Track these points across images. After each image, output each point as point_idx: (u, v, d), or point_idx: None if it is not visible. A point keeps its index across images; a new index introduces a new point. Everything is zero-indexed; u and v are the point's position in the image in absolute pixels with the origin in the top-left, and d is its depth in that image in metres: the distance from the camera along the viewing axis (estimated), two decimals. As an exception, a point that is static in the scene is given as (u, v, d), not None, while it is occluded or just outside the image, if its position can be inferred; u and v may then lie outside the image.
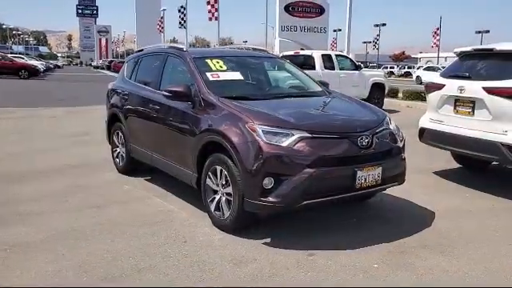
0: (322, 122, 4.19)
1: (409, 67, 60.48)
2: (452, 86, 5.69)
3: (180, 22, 43.12)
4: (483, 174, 6.59)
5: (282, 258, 3.70)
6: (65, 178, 6.18)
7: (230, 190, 4.12)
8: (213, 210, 4.37)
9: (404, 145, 4.52)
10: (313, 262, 3.64)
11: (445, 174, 6.44)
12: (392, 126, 4.51)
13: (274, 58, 6.08)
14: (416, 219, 4.66)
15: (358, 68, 14.10)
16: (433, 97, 6.06)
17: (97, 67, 72.85)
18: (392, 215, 4.79)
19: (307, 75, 5.66)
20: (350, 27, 17.99)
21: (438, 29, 50.40)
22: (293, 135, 3.84)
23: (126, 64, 6.63)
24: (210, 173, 4.36)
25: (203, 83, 4.69)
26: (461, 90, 5.53)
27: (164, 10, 50.24)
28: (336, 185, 3.95)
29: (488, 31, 57.57)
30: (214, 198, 4.35)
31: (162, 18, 49.77)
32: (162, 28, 50.49)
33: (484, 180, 6.20)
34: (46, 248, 3.90)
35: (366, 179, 4.00)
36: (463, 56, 6.03)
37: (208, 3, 35.56)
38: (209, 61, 5.08)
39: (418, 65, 69.69)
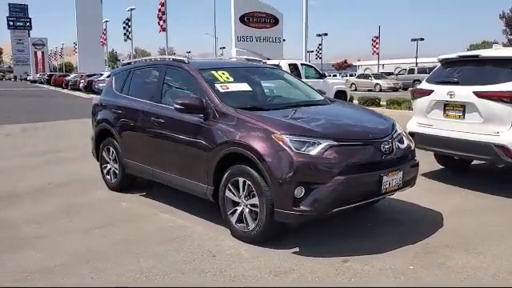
0: (346, 130, 4.27)
1: (350, 75, 62.50)
2: (441, 92, 5.97)
3: (125, 34, 42.42)
4: (466, 174, 6.93)
5: (320, 266, 3.71)
6: (53, 198, 5.89)
7: (255, 201, 4.09)
8: (234, 222, 4.32)
9: (415, 148, 4.69)
10: (350, 268, 3.68)
11: (433, 176, 6.71)
12: (401, 130, 4.67)
13: (273, 69, 6.12)
14: (427, 220, 4.82)
15: (322, 76, 14.45)
16: (420, 102, 6.32)
17: (34, 81, 69.58)
18: (403, 217, 4.93)
19: (306, 84, 5.75)
20: (307, 36, 18.46)
21: (377, 37, 52.55)
22: (320, 144, 3.89)
23: (114, 77, 6.41)
24: (229, 185, 4.31)
25: (215, 95, 4.64)
26: (451, 95, 5.81)
27: (106, 21, 49.11)
28: (364, 191, 4.04)
29: (423, 39, 60.52)
30: (236, 209, 4.30)
31: (105, 30, 48.66)
32: (105, 40, 49.36)
33: (469, 179, 6.50)
34: (70, 272, 3.70)
35: (390, 184, 4.11)
36: (446, 63, 6.35)
37: (157, 16, 35.35)
38: (214, 72, 5.03)
39: (359, 72, 72.34)
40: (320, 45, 62.70)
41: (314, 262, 3.81)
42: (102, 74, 34.06)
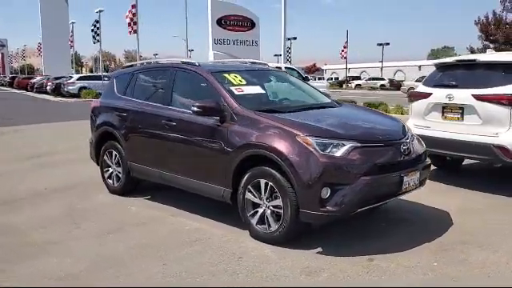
0: (367, 132, 4.37)
1: (319, 78, 63.42)
2: (439, 95, 6.17)
3: (94, 37, 41.51)
4: (459, 174, 7.16)
5: (347, 265, 3.78)
6: (55, 202, 5.76)
7: (278, 202, 4.12)
8: (255, 223, 4.34)
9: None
10: (378, 266, 3.76)
11: (431, 176, 6.88)
12: (412, 132, 4.81)
13: (279, 72, 6.17)
14: (435, 219, 4.97)
15: (305, 79, 14.58)
16: (418, 105, 6.51)
17: (-6, 84, 67.07)
18: (412, 217, 5.05)
19: (313, 87, 5.83)
20: (286, 39, 18.60)
21: (346, 42, 53.53)
22: (344, 145, 3.96)
23: (115, 79, 6.31)
24: (250, 186, 4.33)
25: (232, 97, 4.65)
26: (449, 97, 6.02)
27: (73, 22, 48.01)
28: (385, 191, 4.14)
29: (388, 44, 62.07)
30: (257, 211, 4.32)
31: (72, 32, 47.61)
32: (72, 42, 48.27)
33: (465, 179, 6.68)
34: (98, 277, 3.65)
35: (409, 184, 4.24)
36: (441, 67, 6.57)
37: (127, 17, 34.81)
38: (227, 75, 5.05)
39: (327, 76, 73.52)
40: (289, 48, 63.21)
41: (340, 261, 3.87)
42: (71, 77, 33.32)
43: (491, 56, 6.23)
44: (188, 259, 3.96)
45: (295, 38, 61.80)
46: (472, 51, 20.04)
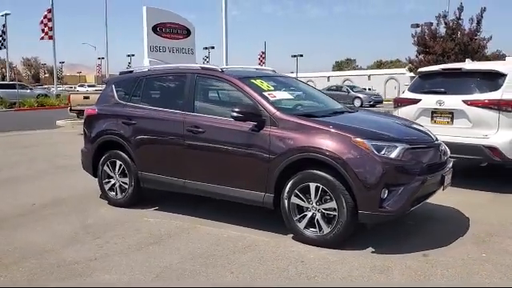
0: (412, 134, 4.60)
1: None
2: (429, 101, 6.65)
3: (0, 42, 38.62)
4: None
5: (410, 262, 3.94)
6: (60, 219, 5.33)
7: (331, 205, 4.19)
8: (302, 227, 4.37)
9: None
10: (436, 261, 3.97)
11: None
12: None
13: (291, 78, 6.24)
14: (452, 215, 5.32)
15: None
16: (406, 110, 6.94)
17: None
18: (433, 215, 5.28)
19: (321, 91, 5.99)
20: (227, 46, 18.70)
21: (263, 52, 54.83)
22: (396, 147, 4.15)
23: (114, 86, 5.96)
24: (297, 190, 4.36)
25: (268, 103, 4.66)
26: (440, 103, 6.51)
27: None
28: (431, 189, 4.40)
29: (302, 55, 64.48)
30: (305, 215, 4.36)
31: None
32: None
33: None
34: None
35: (447, 182, 4.54)
36: (425, 75, 7.09)
37: (41, 22, 32.83)
38: (254, 81, 5.04)
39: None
40: (207, 57, 63.33)
41: (400, 258, 4.03)
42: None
43: (476, 65, 6.84)
44: (253, 266, 3.90)
45: (213, 47, 62.11)
46: (410, 62, 21.61)
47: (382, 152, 4.10)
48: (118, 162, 5.66)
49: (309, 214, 4.34)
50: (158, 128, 5.29)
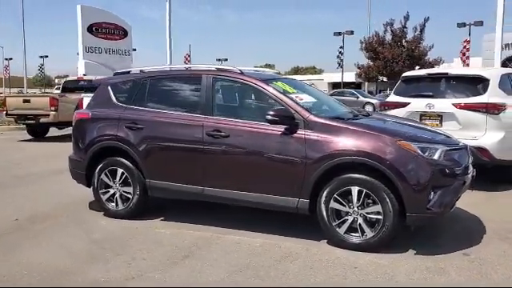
0: (442, 137, 4.67)
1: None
2: (418, 104, 6.87)
3: None
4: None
5: (458, 262, 4.00)
6: (55, 233, 4.83)
7: (375, 208, 4.15)
8: (343, 232, 4.28)
9: None
10: (479, 259, 4.06)
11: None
12: None
13: (301, 81, 6.10)
14: (460, 215, 5.46)
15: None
16: (394, 113, 7.09)
17: None
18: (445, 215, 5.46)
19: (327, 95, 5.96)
20: (171, 50, 18.18)
21: (188, 55, 54.03)
22: (437, 149, 4.21)
23: (110, 87, 5.47)
24: (336, 195, 4.27)
25: (299, 106, 4.53)
26: (429, 106, 6.75)
27: None
28: (464, 190, 4.50)
29: (227, 59, 64.58)
30: (345, 220, 4.27)
31: None
32: None
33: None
34: None
35: (471, 182, 4.68)
36: (409, 79, 7.33)
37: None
38: (275, 83, 4.88)
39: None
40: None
41: (446, 259, 4.06)
42: None
43: (462, 70, 7.18)
44: (309, 275, 3.77)
45: (135, 50, 60.27)
46: (359, 67, 22.39)
47: (426, 154, 4.13)
48: (120, 170, 5.21)
49: (349, 219, 4.26)
50: (172, 132, 4.94)
